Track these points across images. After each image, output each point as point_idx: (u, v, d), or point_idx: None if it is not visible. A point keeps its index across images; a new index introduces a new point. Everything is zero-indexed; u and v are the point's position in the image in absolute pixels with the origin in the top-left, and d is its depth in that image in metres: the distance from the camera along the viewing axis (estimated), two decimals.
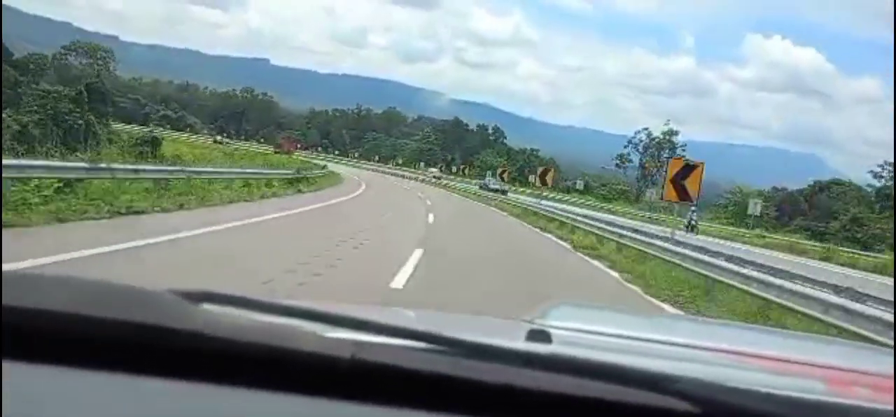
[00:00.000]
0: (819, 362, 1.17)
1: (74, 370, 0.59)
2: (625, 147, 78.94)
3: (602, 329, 1.24)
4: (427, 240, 12.80)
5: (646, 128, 78.12)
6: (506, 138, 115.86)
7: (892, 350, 2.72)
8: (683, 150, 76.19)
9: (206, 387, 0.60)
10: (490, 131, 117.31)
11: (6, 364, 0.57)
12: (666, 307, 9.04)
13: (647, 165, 75.10)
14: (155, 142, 52.36)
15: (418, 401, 0.61)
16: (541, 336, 0.94)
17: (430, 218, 19.77)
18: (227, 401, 0.59)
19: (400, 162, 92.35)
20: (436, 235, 15.26)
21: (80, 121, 45.58)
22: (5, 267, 0.72)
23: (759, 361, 1.12)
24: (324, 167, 42.30)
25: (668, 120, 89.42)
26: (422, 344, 0.66)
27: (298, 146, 78.28)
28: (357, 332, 0.66)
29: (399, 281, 7.80)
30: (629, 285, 10.85)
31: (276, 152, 63.05)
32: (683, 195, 14.69)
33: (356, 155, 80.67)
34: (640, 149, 77.13)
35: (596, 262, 13.76)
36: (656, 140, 75.70)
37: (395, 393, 0.61)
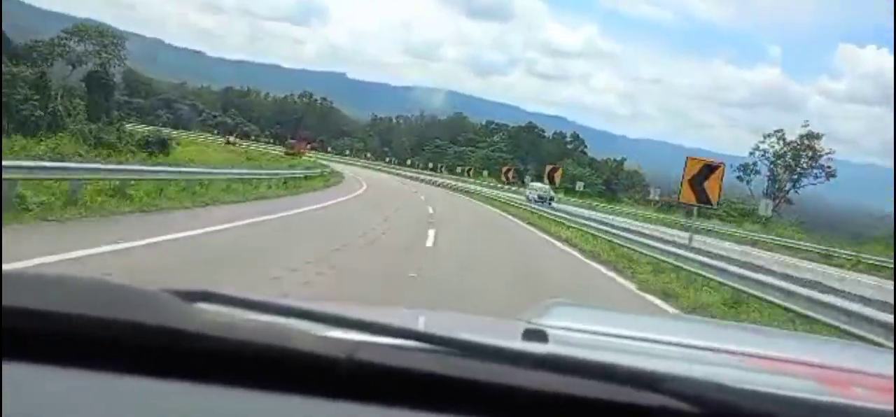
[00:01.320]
0: (817, 362, 1.13)
1: (71, 369, 0.58)
2: (751, 153, 61.42)
3: (598, 328, 1.21)
4: None
5: (779, 131, 60.10)
6: (586, 147, 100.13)
7: (890, 350, 2.97)
8: (830, 158, 58.52)
9: (202, 387, 0.58)
10: (568, 139, 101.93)
11: (4, 365, 0.56)
12: None
13: (780, 177, 57.91)
14: (163, 144, 43.18)
15: (415, 401, 0.60)
16: (537, 335, 0.92)
17: None
18: (223, 401, 0.58)
19: (458, 171, 78.16)
20: None
21: (39, 112, 34.62)
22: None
23: (756, 361, 1.10)
24: (320, 170, 32.39)
25: (807, 121, 70.00)
26: (419, 344, 0.65)
27: (309, 146, 74.04)
28: (354, 332, 0.65)
29: None
30: None
31: (286, 153, 58.83)
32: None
33: (408, 163, 67.47)
34: (771, 157, 59.68)
35: None
36: (792, 145, 58.23)
37: (391, 393, 0.60)
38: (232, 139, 72.24)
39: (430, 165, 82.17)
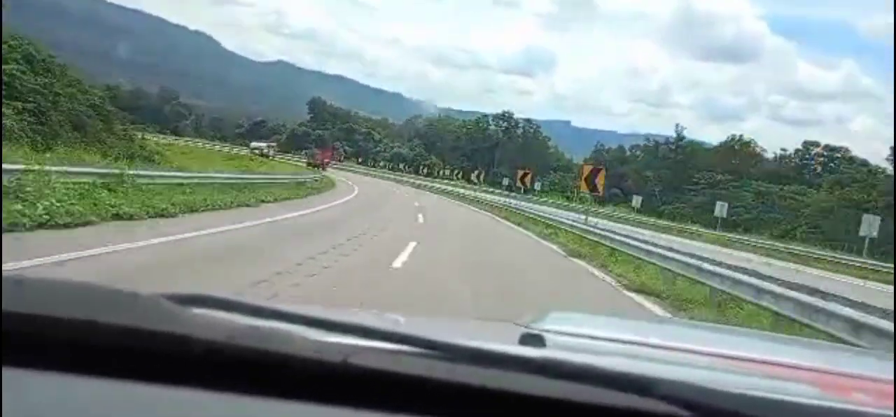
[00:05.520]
0: (814, 366, 1.09)
1: (66, 374, 0.56)
2: None
3: (595, 333, 1.17)
4: None
5: None
6: None
7: (888, 354, 2.78)
8: None
9: (196, 392, 0.56)
10: None
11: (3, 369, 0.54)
12: None
13: None
14: None
15: (410, 406, 0.58)
16: (534, 340, 0.90)
17: None
18: (218, 406, 0.56)
19: (779, 234, 34.35)
20: None
21: None
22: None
23: (751, 365, 1.07)
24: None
25: None
26: (414, 349, 0.62)
27: (334, 159, 67.14)
28: (349, 336, 0.62)
29: None
30: None
31: (307, 165, 50.74)
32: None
33: (664, 211, 28.51)
34: None
35: None
36: None
37: (386, 398, 0.58)
38: (266, 150, 69.99)
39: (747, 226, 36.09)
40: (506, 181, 54.49)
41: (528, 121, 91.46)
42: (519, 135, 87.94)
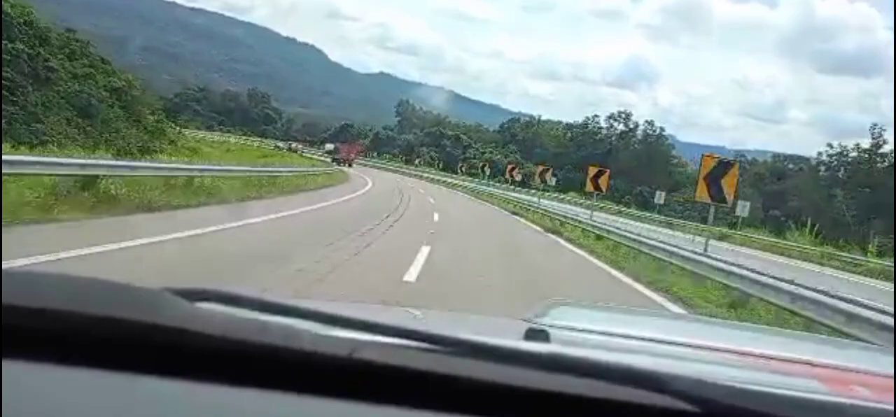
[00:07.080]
0: (818, 361, 1.09)
1: (71, 368, 0.55)
2: None
3: (601, 328, 1.17)
4: None
5: None
6: None
7: (891, 350, 2.70)
8: None
9: (202, 386, 0.55)
10: None
11: (4, 363, 0.53)
12: None
13: None
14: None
15: (416, 401, 0.57)
16: (539, 335, 0.87)
17: None
18: (224, 400, 0.56)
19: None
20: None
21: None
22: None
23: (758, 360, 1.06)
24: None
25: None
26: (420, 344, 0.61)
27: (360, 153, 66.21)
28: (355, 331, 0.61)
29: None
30: None
31: (332, 160, 51.90)
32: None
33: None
34: None
35: None
36: None
37: (392, 393, 0.57)
38: (294, 146, 70.02)
39: None
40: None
41: (650, 123, 76.50)
42: (637, 141, 73.15)
